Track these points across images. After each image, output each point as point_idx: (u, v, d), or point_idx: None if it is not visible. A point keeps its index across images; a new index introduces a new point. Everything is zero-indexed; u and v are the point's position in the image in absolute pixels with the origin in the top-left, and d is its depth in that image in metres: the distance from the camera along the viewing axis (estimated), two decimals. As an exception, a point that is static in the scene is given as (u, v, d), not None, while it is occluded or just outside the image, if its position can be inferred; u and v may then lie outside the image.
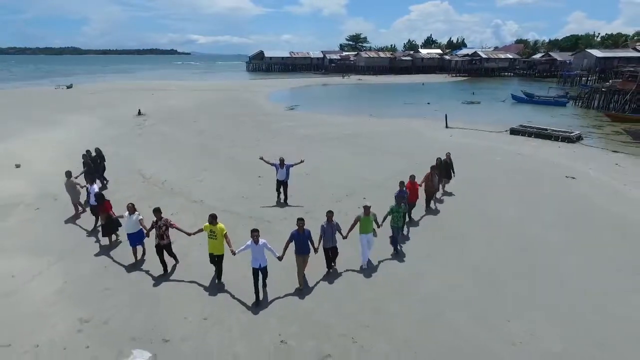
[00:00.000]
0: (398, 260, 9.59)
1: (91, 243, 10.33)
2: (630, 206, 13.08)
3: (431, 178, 12.24)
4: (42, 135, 22.77)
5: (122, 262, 9.33)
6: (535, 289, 8.43)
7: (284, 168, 12.62)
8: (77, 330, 6.89)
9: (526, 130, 24.38)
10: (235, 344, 6.68)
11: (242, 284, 8.20)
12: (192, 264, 9.24)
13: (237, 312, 7.50)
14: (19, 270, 8.78)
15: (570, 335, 7.03)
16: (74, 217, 11.86)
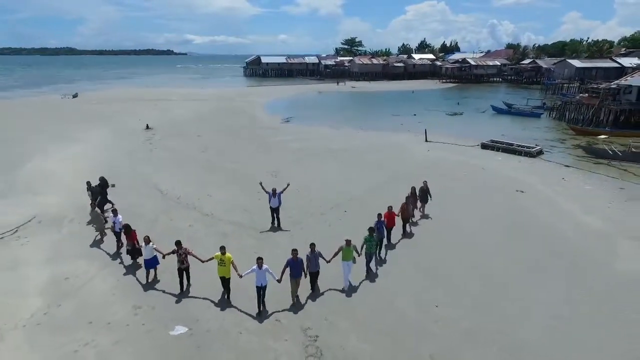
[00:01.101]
0: (370, 280, 11.60)
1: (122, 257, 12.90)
2: (559, 217, 16.11)
3: (406, 207, 14.31)
4: (65, 152, 25.55)
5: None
6: (467, 283, 11.42)
7: (276, 197, 14.57)
8: (134, 314, 9.83)
9: (494, 145, 27.43)
10: (244, 323, 9.62)
11: (246, 300, 10.41)
12: (204, 286, 11.40)
13: (244, 318, 9.84)
14: (81, 272, 11.70)
15: (479, 314, 10.03)
16: (99, 241, 13.80)
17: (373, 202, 17.38)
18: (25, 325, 9.40)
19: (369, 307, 10.33)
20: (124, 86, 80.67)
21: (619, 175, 22.09)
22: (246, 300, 10.27)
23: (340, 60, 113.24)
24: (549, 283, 11.52)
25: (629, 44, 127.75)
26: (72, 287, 10.98)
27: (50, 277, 11.45)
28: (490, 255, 13.06)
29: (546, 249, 13.45)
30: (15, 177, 20.41)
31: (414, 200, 15.20)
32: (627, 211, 16.90)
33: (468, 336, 9.34)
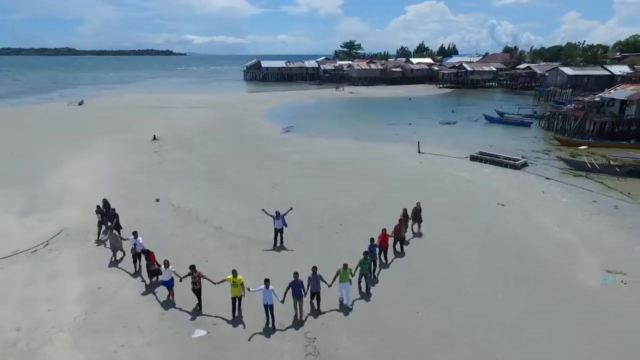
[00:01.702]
0: (365, 299, 12.86)
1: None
2: (534, 230, 17.89)
3: (399, 229, 15.54)
4: (80, 165, 27.29)
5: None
6: (445, 293, 13.20)
7: (279, 218, 15.78)
8: (160, 319, 11.60)
9: (482, 158, 29.19)
10: (254, 328, 11.39)
11: (255, 311, 12.35)
12: (219, 296, 13.64)
13: (254, 323, 11.51)
14: (109, 282, 13.47)
15: (452, 320, 11.81)
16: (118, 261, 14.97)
17: (366, 216, 19.23)
18: (69, 329, 11.17)
19: (359, 314, 12.10)
20: (128, 92, 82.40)
21: (595, 187, 23.84)
22: (256, 311, 11.84)
23: (339, 64, 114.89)
24: (516, 292, 13.28)
25: (623, 48, 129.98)
26: (105, 296, 12.75)
27: (84, 287, 13.21)
28: (468, 267, 14.77)
29: (517, 261, 15.21)
30: (38, 191, 22.16)
31: (405, 221, 16.39)
32: (596, 224, 18.69)
33: (442, 338, 11.12)
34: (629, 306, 12.59)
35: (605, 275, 14.31)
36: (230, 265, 14.13)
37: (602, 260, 15.36)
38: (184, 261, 14.15)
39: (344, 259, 13.09)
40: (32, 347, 10.47)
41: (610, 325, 11.71)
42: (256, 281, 11.82)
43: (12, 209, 19.85)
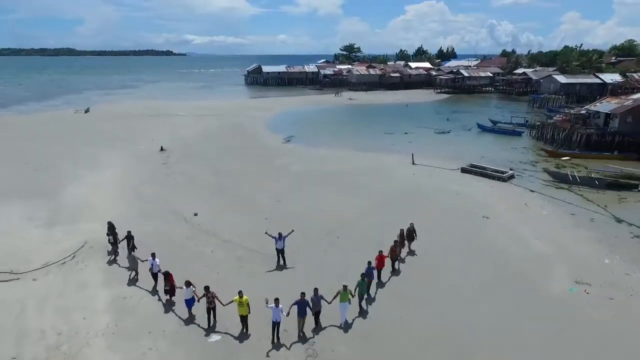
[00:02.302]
0: (363, 317, 14.12)
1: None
2: (514, 242, 19.67)
3: (394, 249, 16.73)
4: (94, 178, 29.02)
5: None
6: (431, 302, 14.99)
7: (281, 239, 17.00)
8: (180, 325, 13.41)
9: (472, 170, 30.99)
10: (262, 332, 13.17)
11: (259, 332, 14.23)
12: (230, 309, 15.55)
13: (262, 331, 13.42)
14: (133, 293, 15.27)
15: (436, 325, 13.61)
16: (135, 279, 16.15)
17: (362, 228, 21.05)
18: (103, 335, 12.97)
19: (355, 324, 13.89)
20: (131, 98, 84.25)
21: (575, 200, 25.64)
22: (263, 324, 13.50)
23: (339, 69, 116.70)
24: (494, 300, 15.07)
25: (619, 52, 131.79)
26: (130, 305, 14.54)
27: (111, 297, 15.01)
28: (453, 278, 16.54)
29: (496, 272, 17.01)
30: (59, 205, 23.94)
31: (401, 242, 17.66)
32: (571, 237, 20.48)
33: (427, 341, 12.92)
34: (590, 314, 14.38)
35: (572, 286, 16.11)
36: (239, 277, 16.06)
37: (572, 271, 17.14)
38: (196, 272, 16.10)
39: (342, 273, 14.93)
40: (74, 350, 12.27)
41: (570, 331, 13.51)
42: (262, 293, 13.52)
43: (37, 222, 21.65)
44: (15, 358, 12.04)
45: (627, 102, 36.97)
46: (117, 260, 17.73)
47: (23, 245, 19.03)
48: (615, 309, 14.63)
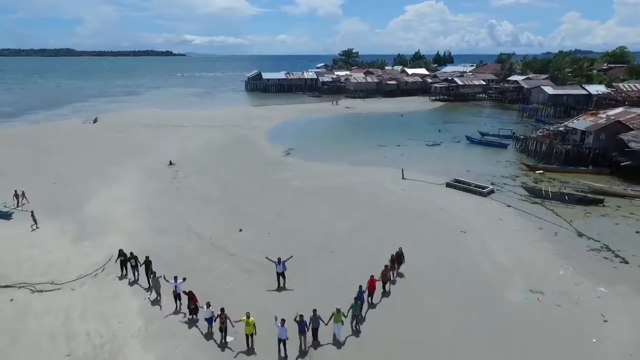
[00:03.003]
0: (355, 335, 16.20)
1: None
2: (484, 256, 22.58)
3: (385, 273, 18.73)
4: (112, 194, 31.94)
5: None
6: (414, 311, 17.90)
7: (280, 264, 18.91)
8: (201, 330, 16.36)
9: (456, 185, 33.90)
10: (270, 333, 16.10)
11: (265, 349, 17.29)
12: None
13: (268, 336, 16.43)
14: (157, 302, 18.20)
15: (410, 330, 16.54)
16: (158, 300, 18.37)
17: (354, 244, 23.88)
18: (137, 336, 15.92)
19: (347, 340, 16.81)
20: (136, 106, 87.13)
21: (544, 215, 28.56)
22: (270, 338, 16.27)
23: (337, 76, 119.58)
24: (459, 307, 18.02)
25: (610, 59, 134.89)
26: (157, 311, 17.50)
27: (140, 305, 17.97)
28: (428, 290, 19.34)
29: (465, 283, 19.96)
30: (84, 221, 26.90)
31: (392, 266, 19.67)
32: (534, 250, 23.42)
33: (401, 343, 15.86)
34: (538, 320, 17.32)
35: (527, 294, 19.06)
36: (247, 288, 19.02)
37: (529, 281, 20.08)
38: (209, 283, 19.12)
39: (338, 293, 17.54)
40: (115, 350, 15.22)
41: (519, 333, 16.46)
42: (267, 308, 16.50)
43: (67, 237, 24.64)
44: (69, 355, 14.99)
45: (601, 120, 39.93)
46: (139, 282, 19.93)
47: (58, 259, 22.03)
48: (560, 315, 17.59)
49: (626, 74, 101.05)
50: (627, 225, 26.77)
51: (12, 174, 37.08)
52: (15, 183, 32.37)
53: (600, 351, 15.45)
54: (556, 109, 69.91)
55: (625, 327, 16.69)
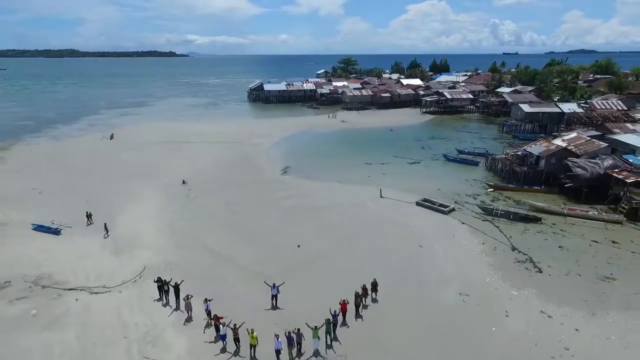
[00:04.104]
0: (328, 347, 20.98)
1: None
2: (432, 267, 29.11)
3: (356, 299, 23.47)
4: (136, 212, 38.67)
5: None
6: (379, 328, 24.51)
7: (274, 288, 24.03)
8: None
9: (423, 204, 40.44)
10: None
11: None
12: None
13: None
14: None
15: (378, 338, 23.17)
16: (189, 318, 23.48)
17: (334, 259, 30.30)
18: (172, 327, 22.60)
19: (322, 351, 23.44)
20: (147, 118, 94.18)
21: (490, 231, 35.05)
22: (270, 349, 23.20)
23: (335, 87, 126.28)
24: (408, 307, 24.58)
25: (598, 69, 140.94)
26: (184, 314, 24.19)
27: (173, 303, 24.66)
28: (388, 295, 25.69)
29: (414, 288, 26.51)
30: (118, 236, 33.69)
31: (364, 294, 24.27)
32: (473, 262, 29.90)
33: (366, 345, 22.45)
34: (460, 316, 23.88)
35: (457, 296, 25.63)
36: (250, 292, 25.55)
37: (462, 286, 26.64)
38: (220, 288, 25.71)
39: (318, 304, 23.48)
40: (158, 334, 21.94)
41: (448, 326, 23.02)
42: (265, 320, 23.17)
43: (108, 250, 31.42)
44: (126, 337, 21.73)
45: (552, 146, 46.36)
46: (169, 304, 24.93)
47: (104, 268, 28.82)
48: (476, 311, 24.15)
49: (606, 88, 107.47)
50: (553, 241, 33.24)
51: (50, 192, 44.01)
52: (53, 202, 39.40)
53: (495, 336, 22.04)
54: (533, 125, 76.30)
55: (519, 320, 23.23)
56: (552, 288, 26.43)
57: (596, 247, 32.04)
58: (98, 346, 21.26)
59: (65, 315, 23.76)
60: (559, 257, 30.58)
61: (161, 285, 25.00)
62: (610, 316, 23.56)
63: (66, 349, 21.09)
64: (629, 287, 26.55)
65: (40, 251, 31.02)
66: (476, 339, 21.90)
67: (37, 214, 37.45)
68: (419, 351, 21.12)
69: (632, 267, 28.94)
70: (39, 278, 27.43)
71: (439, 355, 20.75)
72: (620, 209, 37.55)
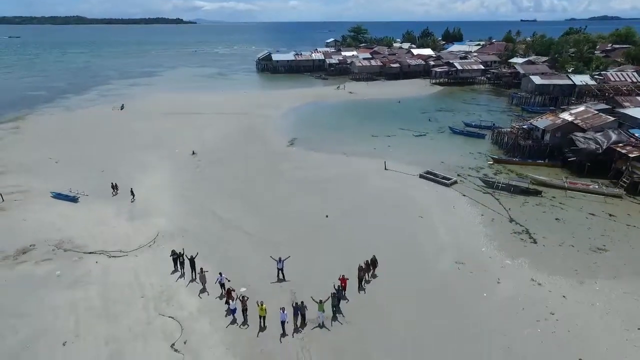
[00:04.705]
0: (334, 320, 21.65)
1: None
2: (431, 237, 30.35)
3: (358, 273, 24.11)
4: (149, 182, 40.25)
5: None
6: (371, 294, 26.06)
7: (280, 262, 24.77)
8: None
9: (427, 176, 41.31)
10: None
11: (274, 328, 25.54)
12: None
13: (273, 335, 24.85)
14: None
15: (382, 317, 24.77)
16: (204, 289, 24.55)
17: (339, 229, 31.50)
18: (185, 287, 24.45)
19: (326, 323, 25.05)
20: (156, 90, 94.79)
21: (491, 203, 35.98)
22: (276, 320, 24.79)
23: (344, 57, 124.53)
24: (408, 276, 26.04)
25: (616, 39, 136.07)
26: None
27: (186, 267, 26.48)
28: (388, 266, 26.95)
29: (413, 257, 27.89)
30: (131, 204, 35.45)
31: (366, 268, 24.92)
32: (471, 232, 31.05)
33: (374, 332, 24.06)
34: (453, 282, 25.30)
35: (452, 264, 26.99)
36: (257, 257, 27.15)
37: (458, 255, 27.92)
38: (229, 254, 27.39)
39: (322, 276, 24.59)
40: (172, 294, 23.83)
41: (442, 292, 24.49)
42: (269, 294, 24.82)
43: (123, 217, 33.24)
44: (143, 297, 23.66)
45: (559, 120, 46.31)
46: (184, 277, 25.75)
47: (120, 233, 30.69)
48: (469, 278, 25.53)
49: (622, 58, 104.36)
50: (551, 213, 34.13)
51: (65, 162, 45.83)
52: (69, 171, 41.32)
53: (486, 301, 23.46)
54: (543, 98, 75.25)
55: (510, 287, 24.57)
56: (545, 258, 27.61)
57: (593, 219, 32.91)
58: (118, 304, 23.24)
59: (86, 276, 25.76)
60: (555, 228, 31.57)
61: (176, 258, 26.16)
62: (598, 284, 24.77)
63: (89, 305, 23.11)
64: (619, 258, 27.59)
65: (60, 217, 32.97)
66: (468, 304, 23.33)
67: (54, 183, 39.33)
68: (413, 316, 22.61)
69: (625, 240, 29.87)
70: (60, 242, 29.41)
71: (431, 319, 22.22)
72: (621, 182, 38.03)
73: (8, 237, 29.94)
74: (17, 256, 27.75)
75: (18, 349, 20.06)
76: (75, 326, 21.50)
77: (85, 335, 20.92)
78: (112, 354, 19.79)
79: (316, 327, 21.53)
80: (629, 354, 19.64)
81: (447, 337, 20.81)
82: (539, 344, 20.24)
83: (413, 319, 22.24)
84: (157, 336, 20.84)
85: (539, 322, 21.65)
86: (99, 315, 22.37)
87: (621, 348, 19.99)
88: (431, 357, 19.75)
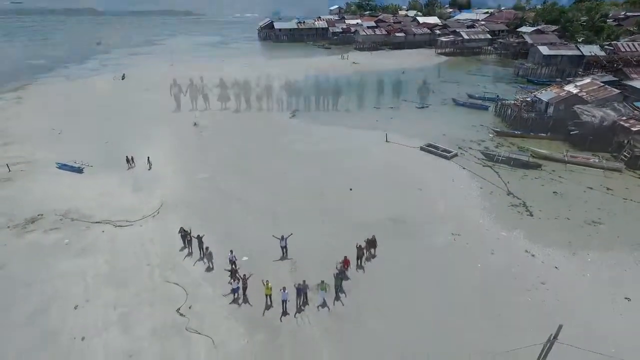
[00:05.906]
0: (336, 300, 21.74)
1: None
2: (428, 209, 30.85)
3: (358, 251, 24.18)
4: (153, 155, 40.62)
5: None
6: (372, 271, 26.78)
7: (283, 240, 24.59)
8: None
9: (427, 149, 41.43)
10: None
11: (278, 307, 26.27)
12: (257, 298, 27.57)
13: (277, 312, 25.73)
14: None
15: (381, 295, 25.56)
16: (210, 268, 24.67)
17: (337, 203, 32.01)
18: (186, 258, 25.33)
19: (329, 303, 25.84)
20: (157, 60, 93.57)
21: (490, 176, 36.26)
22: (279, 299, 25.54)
23: (347, 26, 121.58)
24: (407, 249, 26.73)
25: (631, 6, 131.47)
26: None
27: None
28: (384, 244, 27.66)
29: (412, 229, 28.48)
30: (137, 175, 36.02)
31: (367, 247, 24.91)
32: (469, 205, 31.51)
33: (373, 312, 24.86)
34: (448, 252, 26.00)
35: (449, 236, 27.62)
36: (257, 229, 27.87)
37: (455, 227, 28.50)
38: (233, 225, 28.11)
39: (324, 255, 25.41)
40: (175, 260, 24.72)
41: (439, 263, 25.23)
42: (274, 274, 25.58)
43: (128, 188, 33.88)
44: (149, 265, 24.59)
45: (563, 92, 45.75)
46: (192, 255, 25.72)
47: (125, 204, 31.39)
48: (465, 249, 26.21)
49: (636, 27, 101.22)
50: (549, 187, 34.43)
51: (68, 132, 46.18)
52: (72, 142, 41.75)
53: (479, 271, 24.20)
54: (550, 69, 73.84)
55: (503, 258, 25.25)
56: (540, 230, 28.15)
57: (590, 193, 33.24)
58: (125, 271, 24.18)
59: (93, 244, 26.65)
60: (552, 202, 31.98)
61: (184, 235, 26.37)
62: (590, 256, 25.41)
63: (97, 273, 24.06)
64: (614, 231, 28.11)
65: (66, 188, 33.67)
66: (462, 274, 24.08)
67: (58, 153, 39.83)
68: (408, 286, 23.40)
69: (621, 213, 30.31)
70: (67, 212, 30.21)
71: (426, 289, 22.98)
72: (622, 156, 38.07)
73: (16, 207, 30.77)
74: (26, 225, 28.63)
75: (32, 313, 21.16)
76: (85, 292, 22.52)
77: (94, 299, 21.95)
78: (120, 317, 20.86)
79: (318, 306, 21.60)
80: (614, 322, 20.48)
81: (440, 307, 21.63)
82: (527, 311, 21.10)
83: (408, 289, 23.00)
84: (163, 301, 21.86)
85: (529, 291, 22.44)
86: (107, 281, 23.35)
87: (606, 316, 20.82)
88: (424, 325, 20.67)
